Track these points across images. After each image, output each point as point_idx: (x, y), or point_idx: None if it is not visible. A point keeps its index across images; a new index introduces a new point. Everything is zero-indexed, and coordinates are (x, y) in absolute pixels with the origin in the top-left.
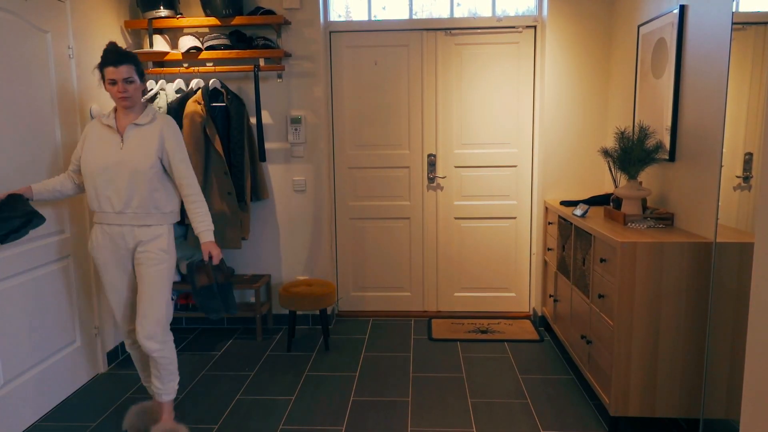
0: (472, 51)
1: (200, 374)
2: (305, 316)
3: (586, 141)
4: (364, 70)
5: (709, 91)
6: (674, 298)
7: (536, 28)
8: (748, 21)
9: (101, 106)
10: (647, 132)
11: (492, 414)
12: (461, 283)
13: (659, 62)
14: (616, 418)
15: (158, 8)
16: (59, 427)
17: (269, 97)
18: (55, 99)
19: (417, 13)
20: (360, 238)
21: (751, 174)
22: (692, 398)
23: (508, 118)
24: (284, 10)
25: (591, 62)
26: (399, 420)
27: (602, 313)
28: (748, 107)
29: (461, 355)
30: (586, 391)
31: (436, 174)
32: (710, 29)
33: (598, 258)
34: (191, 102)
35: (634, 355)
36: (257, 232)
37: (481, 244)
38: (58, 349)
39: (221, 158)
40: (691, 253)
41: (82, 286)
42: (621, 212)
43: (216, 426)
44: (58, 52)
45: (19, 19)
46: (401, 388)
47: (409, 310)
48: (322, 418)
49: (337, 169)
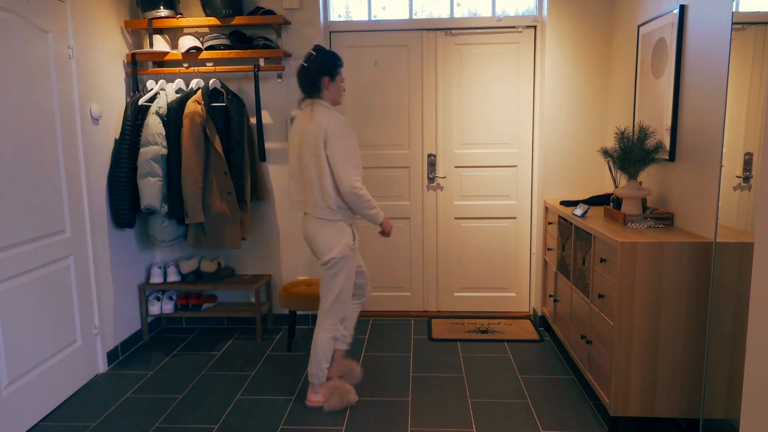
0: (472, 51)
1: (200, 374)
2: (305, 316)
3: (586, 141)
4: (364, 70)
5: (709, 91)
6: (674, 298)
7: (536, 28)
8: (748, 21)
9: (101, 106)
10: (647, 132)
11: (492, 414)
12: (461, 283)
13: (659, 62)
14: (616, 418)
15: (158, 8)
16: (59, 427)
17: (269, 97)
18: (56, 99)
19: (417, 13)
20: (360, 238)
21: (751, 174)
22: (692, 398)
23: (508, 118)
24: (284, 10)
25: (591, 62)
26: (399, 420)
27: (602, 313)
28: (748, 107)
29: (461, 355)
30: (586, 391)
31: (436, 174)
32: (710, 29)
33: (598, 258)
34: (191, 102)
35: (634, 355)
36: (257, 232)
37: (481, 244)
38: (59, 349)
39: (221, 158)
40: (691, 253)
41: (82, 286)
42: (621, 212)
43: (216, 426)
44: (58, 52)
45: (20, 18)
46: (401, 388)
47: (409, 310)
48: (322, 418)
49: None
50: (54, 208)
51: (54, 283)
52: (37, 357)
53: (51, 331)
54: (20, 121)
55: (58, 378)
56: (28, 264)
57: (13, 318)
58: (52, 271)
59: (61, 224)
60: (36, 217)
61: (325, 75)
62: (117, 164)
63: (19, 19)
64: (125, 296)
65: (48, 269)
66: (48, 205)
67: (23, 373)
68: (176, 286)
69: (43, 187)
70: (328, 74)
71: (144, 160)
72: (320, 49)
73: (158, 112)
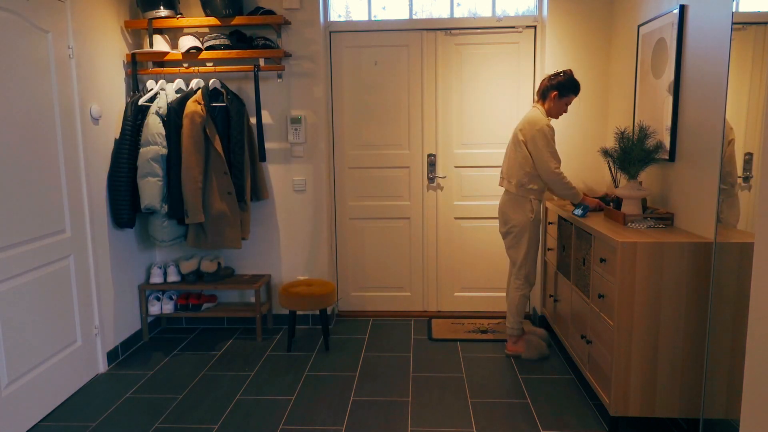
0: (472, 51)
1: (200, 374)
2: (305, 316)
3: (586, 141)
4: (364, 70)
5: (709, 91)
6: (674, 298)
7: (536, 28)
8: (748, 21)
9: (101, 106)
10: (647, 132)
11: (492, 414)
12: (461, 283)
13: (659, 62)
14: (616, 418)
15: (158, 8)
16: (59, 427)
17: (269, 97)
18: (56, 99)
19: (417, 13)
20: (360, 238)
21: (751, 174)
22: (692, 398)
23: (509, 118)
24: (284, 10)
25: (591, 62)
26: (399, 420)
27: (602, 313)
28: (748, 107)
29: (461, 355)
30: (586, 391)
31: (436, 174)
32: (710, 29)
33: (598, 258)
34: (191, 102)
35: (634, 355)
36: (257, 232)
37: (481, 244)
38: (59, 349)
39: (221, 158)
40: (691, 253)
41: (82, 286)
42: (621, 212)
43: (216, 426)
44: (58, 52)
45: (20, 18)
46: (401, 388)
47: (409, 310)
48: (322, 418)
49: (337, 169)
50: (54, 208)
51: (54, 283)
52: (37, 357)
53: (51, 331)
54: (20, 121)
55: (58, 378)
56: (28, 264)
57: (13, 318)
58: (52, 271)
59: (61, 224)
60: (36, 217)
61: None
62: (117, 164)
63: (19, 19)
64: (125, 296)
65: (48, 269)
66: (48, 205)
67: (23, 373)
68: (176, 286)
69: (43, 187)
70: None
71: (144, 160)
72: (569, 74)
73: (158, 112)
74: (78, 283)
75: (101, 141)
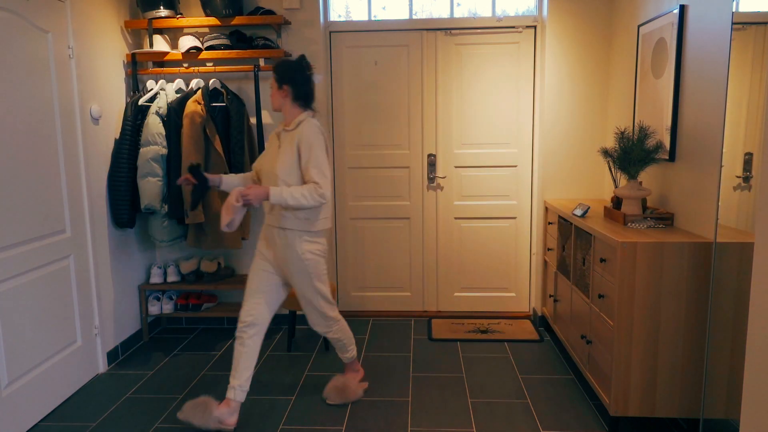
0: (472, 51)
1: (200, 374)
2: (305, 316)
3: (586, 141)
4: (364, 70)
5: (709, 91)
6: (674, 298)
7: (536, 28)
8: (748, 21)
9: (101, 106)
10: (647, 132)
11: (492, 414)
12: (461, 283)
13: (659, 62)
14: (616, 418)
15: (158, 8)
16: (59, 427)
17: (269, 97)
18: (56, 99)
19: (417, 13)
20: (360, 238)
21: (751, 174)
22: (692, 398)
23: (508, 118)
24: (284, 10)
25: (591, 62)
26: (399, 420)
27: (602, 313)
28: (748, 107)
29: (461, 354)
30: (586, 391)
31: (436, 174)
32: (710, 29)
33: (598, 258)
34: (191, 102)
35: (634, 355)
36: (257, 232)
37: (481, 244)
38: (59, 349)
39: (221, 158)
40: (691, 253)
41: (82, 286)
42: (621, 212)
43: None
44: (58, 52)
45: (20, 18)
46: (401, 388)
47: (409, 310)
48: (322, 418)
49: (337, 169)
50: (54, 208)
51: (54, 283)
52: (37, 357)
53: (51, 331)
54: (20, 121)
55: (58, 378)
56: (28, 264)
57: (13, 318)
58: (52, 271)
59: (61, 224)
60: (36, 217)
61: None
62: (117, 164)
63: (19, 19)
64: (125, 296)
65: (48, 269)
66: (48, 205)
67: (23, 373)
68: (176, 286)
69: (43, 187)
70: None
71: (144, 160)
72: None
73: (158, 112)
74: (78, 283)
75: (101, 141)
